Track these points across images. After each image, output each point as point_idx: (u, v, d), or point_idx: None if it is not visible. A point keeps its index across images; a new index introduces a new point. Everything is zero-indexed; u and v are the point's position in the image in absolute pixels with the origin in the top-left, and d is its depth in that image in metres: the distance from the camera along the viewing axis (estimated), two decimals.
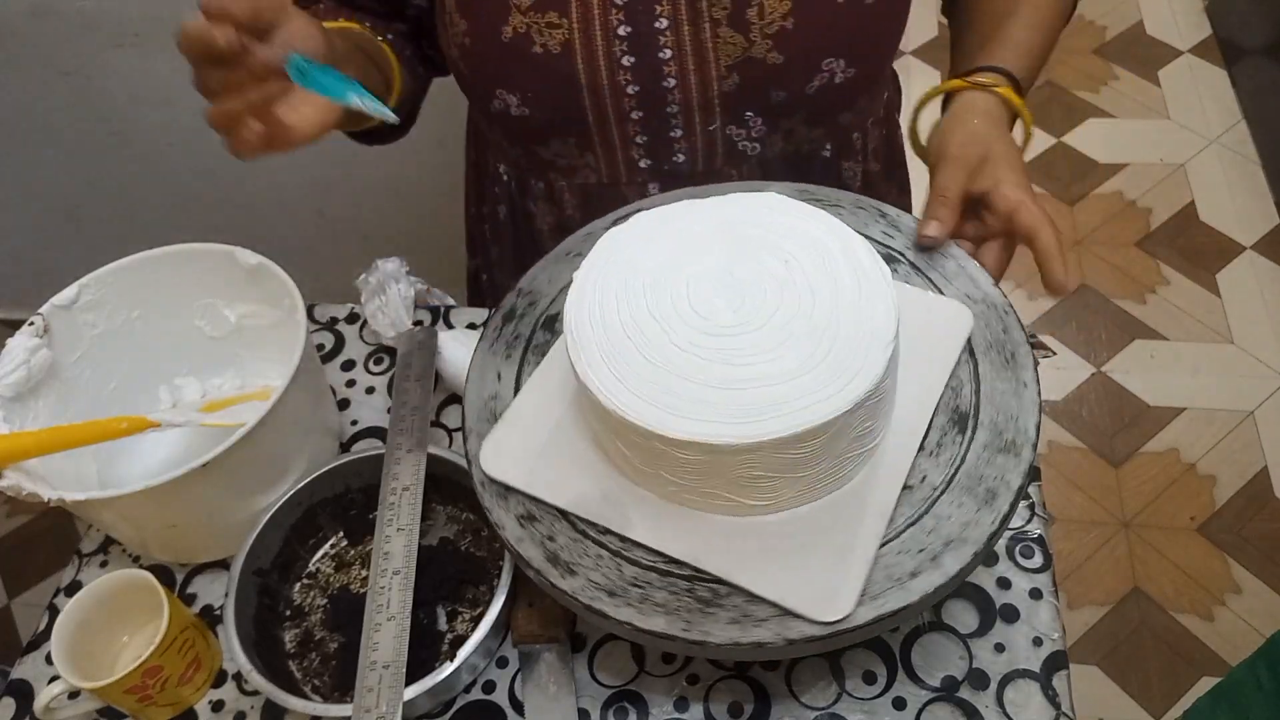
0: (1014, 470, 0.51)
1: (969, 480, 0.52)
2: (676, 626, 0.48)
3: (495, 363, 0.61)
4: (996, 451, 0.52)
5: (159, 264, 0.72)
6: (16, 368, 0.66)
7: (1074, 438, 1.61)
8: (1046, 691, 0.58)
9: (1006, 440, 0.53)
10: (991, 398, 0.55)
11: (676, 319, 0.50)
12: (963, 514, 0.50)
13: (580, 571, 0.51)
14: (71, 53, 1.25)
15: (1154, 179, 1.96)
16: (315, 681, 0.62)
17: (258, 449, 0.62)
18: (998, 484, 0.51)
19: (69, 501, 0.59)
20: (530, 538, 0.52)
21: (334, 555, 0.69)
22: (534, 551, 0.52)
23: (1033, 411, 0.54)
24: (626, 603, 0.49)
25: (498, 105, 0.70)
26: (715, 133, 0.70)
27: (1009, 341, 0.57)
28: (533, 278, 0.65)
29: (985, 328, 0.58)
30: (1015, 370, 0.55)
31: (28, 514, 1.68)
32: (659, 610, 0.49)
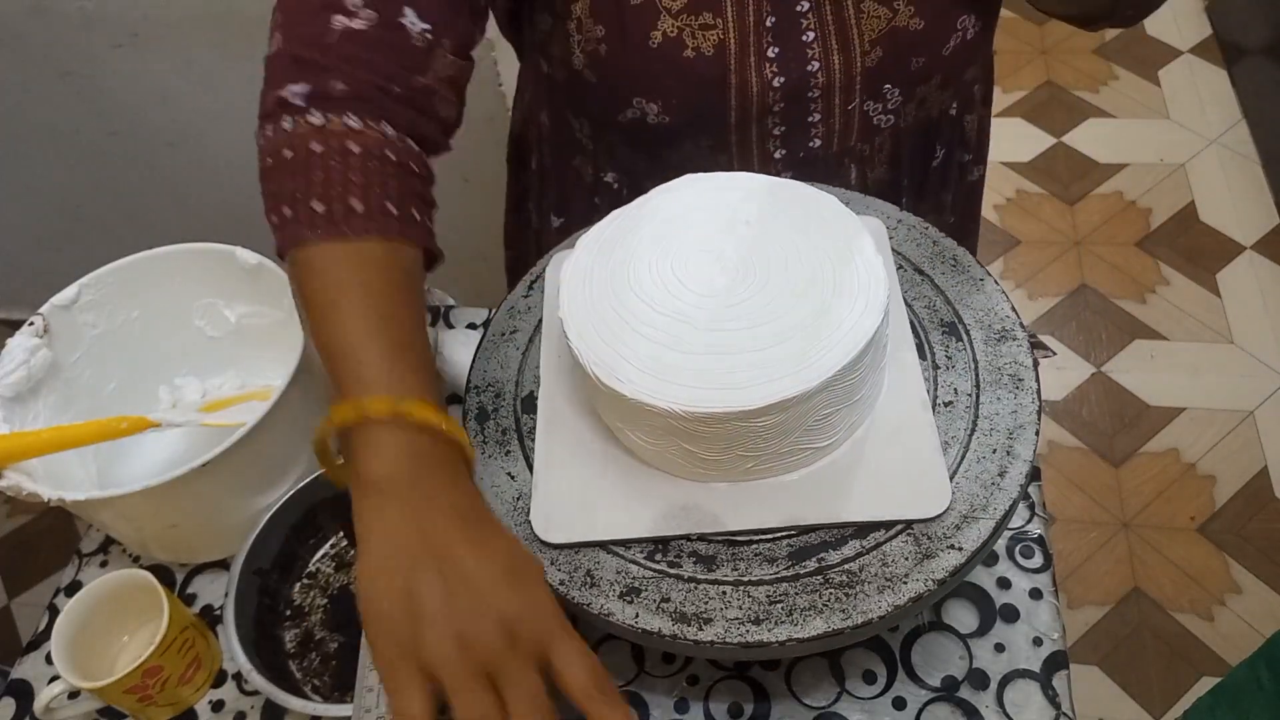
0: (1021, 352, 0.56)
1: (991, 375, 0.55)
2: (835, 620, 0.48)
3: (499, 463, 0.57)
4: (997, 342, 0.56)
5: (159, 264, 0.72)
6: (16, 368, 0.66)
7: (1074, 438, 1.62)
8: (1046, 691, 0.58)
9: (998, 330, 0.57)
10: (963, 300, 0.59)
11: (669, 295, 0.51)
12: (1006, 404, 0.54)
13: (715, 618, 0.48)
14: (71, 53, 1.24)
15: (1154, 179, 1.96)
16: (315, 681, 0.62)
17: (258, 449, 0.62)
18: (1016, 368, 0.55)
19: (69, 501, 0.59)
20: (645, 609, 0.49)
21: (334, 555, 0.69)
22: (658, 622, 0.49)
23: (1000, 299, 0.58)
24: (776, 621, 0.48)
25: (632, 114, 0.66)
26: (853, 111, 0.68)
27: (945, 249, 0.62)
28: (481, 371, 0.61)
29: (917, 246, 0.62)
30: (966, 271, 0.60)
31: (28, 514, 1.68)
32: (805, 612, 0.48)
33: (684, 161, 0.70)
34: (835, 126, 0.69)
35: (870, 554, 0.50)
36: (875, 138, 0.71)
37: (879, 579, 0.49)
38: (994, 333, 0.57)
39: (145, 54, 1.23)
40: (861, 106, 0.68)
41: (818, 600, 0.48)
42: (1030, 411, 0.53)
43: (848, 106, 0.67)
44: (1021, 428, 0.53)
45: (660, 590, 0.50)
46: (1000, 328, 0.57)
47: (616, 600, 0.50)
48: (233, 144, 1.34)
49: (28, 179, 1.47)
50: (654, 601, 0.50)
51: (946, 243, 0.62)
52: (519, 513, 0.54)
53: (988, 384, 0.55)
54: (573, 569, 0.51)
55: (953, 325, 0.58)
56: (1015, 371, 0.55)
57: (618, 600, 0.50)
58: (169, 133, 1.34)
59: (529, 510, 0.53)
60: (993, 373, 0.55)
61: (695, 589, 0.50)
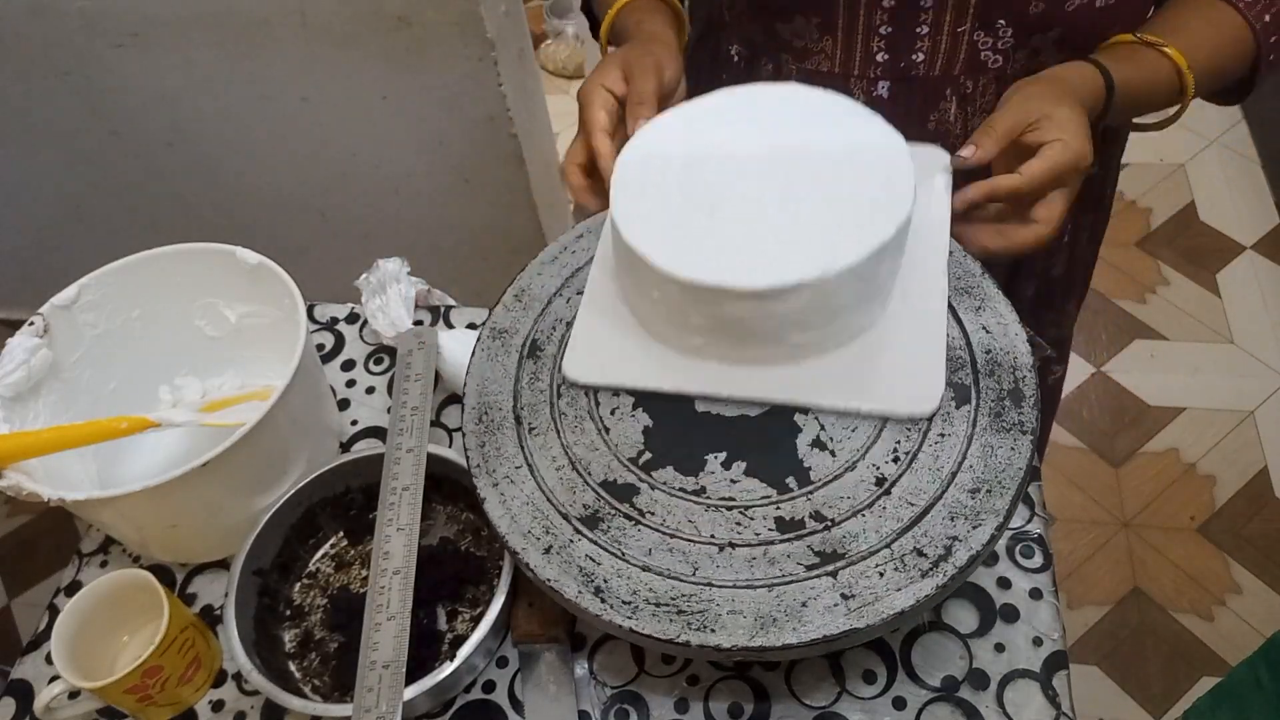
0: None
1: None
2: (837, 624, 0.48)
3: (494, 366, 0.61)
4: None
5: (159, 264, 0.72)
6: (16, 368, 0.66)
7: (1074, 438, 1.61)
8: (1046, 691, 0.58)
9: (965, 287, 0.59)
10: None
11: (714, 171, 0.56)
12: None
13: (717, 625, 0.49)
14: (71, 53, 1.24)
15: (1154, 179, 1.96)
16: (315, 681, 0.62)
17: (258, 449, 0.62)
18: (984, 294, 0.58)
19: (69, 501, 0.59)
20: (646, 614, 0.50)
21: (334, 555, 0.69)
22: (661, 626, 0.49)
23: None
24: (778, 625, 0.48)
25: None
26: (963, 35, 0.67)
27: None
28: (526, 282, 0.65)
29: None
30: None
31: (28, 514, 1.68)
32: (807, 615, 0.48)
33: (792, 38, 0.72)
34: (942, 46, 0.68)
35: (870, 557, 0.50)
36: (980, 77, 0.70)
37: (880, 582, 0.49)
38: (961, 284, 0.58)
39: (145, 54, 1.23)
40: (972, 34, 0.68)
41: (819, 602, 0.48)
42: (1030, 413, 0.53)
43: (958, 28, 0.67)
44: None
45: (661, 591, 0.50)
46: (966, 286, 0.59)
47: (621, 606, 0.50)
48: (233, 144, 1.34)
49: (28, 179, 1.47)
50: (655, 605, 0.50)
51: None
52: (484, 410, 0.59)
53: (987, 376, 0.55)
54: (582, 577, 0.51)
55: None
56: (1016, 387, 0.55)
57: (623, 606, 0.50)
58: (169, 133, 1.34)
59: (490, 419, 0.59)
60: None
61: (695, 590, 0.50)
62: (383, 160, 1.35)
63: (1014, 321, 0.55)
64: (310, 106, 1.26)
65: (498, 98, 1.21)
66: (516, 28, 1.23)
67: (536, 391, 0.59)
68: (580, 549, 0.52)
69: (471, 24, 1.12)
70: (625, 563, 0.51)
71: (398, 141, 1.31)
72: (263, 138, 1.32)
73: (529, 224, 1.41)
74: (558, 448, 0.56)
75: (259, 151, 1.34)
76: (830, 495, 0.51)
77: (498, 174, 1.33)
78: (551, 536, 0.53)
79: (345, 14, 1.14)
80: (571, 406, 0.57)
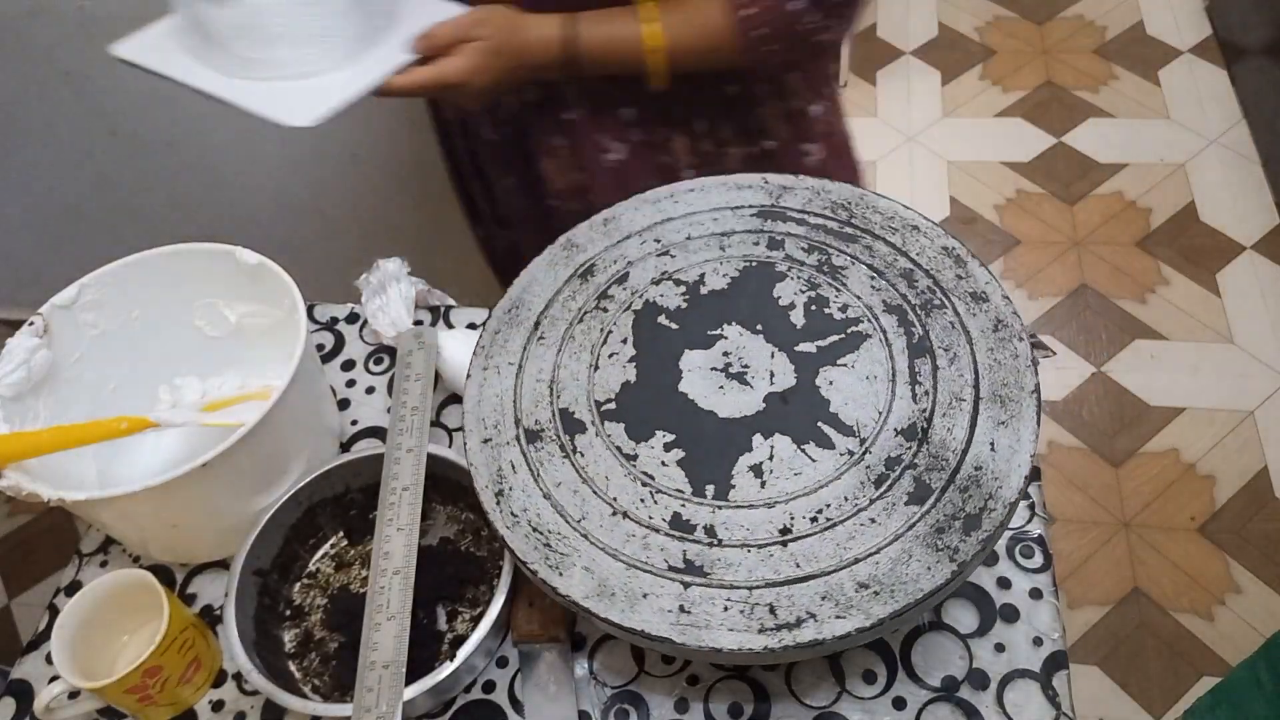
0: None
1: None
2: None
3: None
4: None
5: (159, 264, 0.72)
6: (16, 368, 0.66)
7: (1074, 438, 1.62)
8: (1046, 691, 0.58)
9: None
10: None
11: None
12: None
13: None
14: (71, 53, 1.24)
15: (1154, 179, 1.96)
16: (315, 681, 0.62)
17: (258, 449, 0.62)
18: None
19: (69, 501, 0.59)
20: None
21: (334, 555, 0.69)
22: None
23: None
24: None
25: None
26: None
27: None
28: (618, 212, 0.68)
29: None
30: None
31: (28, 514, 1.68)
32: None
33: None
34: None
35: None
36: None
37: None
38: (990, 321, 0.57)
39: None
40: None
41: (660, 602, 0.49)
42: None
43: None
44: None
45: (546, 520, 0.52)
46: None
47: (509, 517, 0.52)
48: (233, 144, 1.34)
49: (28, 179, 1.47)
50: (534, 529, 0.52)
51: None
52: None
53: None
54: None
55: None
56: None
57: (510, 517, 0.52)
58: (169, 133, 1.34)
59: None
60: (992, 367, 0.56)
61: (571, 534, 0.52)
62: (383, 160, 1.35)
63: (1027, 452, 0.52)
64: None
65: None
66: None
67: (567, 309, 0.63)
68: (509, 453, 0.57)
69: None
70: (534, 481, 0.55)
71: (398, 141, 1.31)
72: (263, 138, 1.32)
73: None
74: (550, 362, 0.60)
75: (259, 151, 1.34)
76: (732, 520, 0.52)
77: None
78: (495, 431, 0.58)
79: None
80: (585, 335, 0.62)
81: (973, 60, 2.27)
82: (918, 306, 0.59)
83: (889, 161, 2.05)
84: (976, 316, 0.58)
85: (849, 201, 0.66)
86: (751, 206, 0.67)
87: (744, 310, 0.61)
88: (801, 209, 0.66)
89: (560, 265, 0.66)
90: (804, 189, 0.67)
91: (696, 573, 0.51)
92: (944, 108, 2.17)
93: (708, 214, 0.67)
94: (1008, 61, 2.25)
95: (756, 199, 0.67)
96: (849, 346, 0.58)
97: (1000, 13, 2.39)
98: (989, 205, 1.95)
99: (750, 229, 0.66)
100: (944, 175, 2.01)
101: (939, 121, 2.13)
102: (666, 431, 0.56)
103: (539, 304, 0.64)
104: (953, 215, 1.94)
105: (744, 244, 0.65)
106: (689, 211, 0.67)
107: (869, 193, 0.66)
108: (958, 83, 2.22)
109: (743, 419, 0.56)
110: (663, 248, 0.65)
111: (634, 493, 0.54)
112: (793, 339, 0.59)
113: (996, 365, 0.55)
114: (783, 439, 0.55)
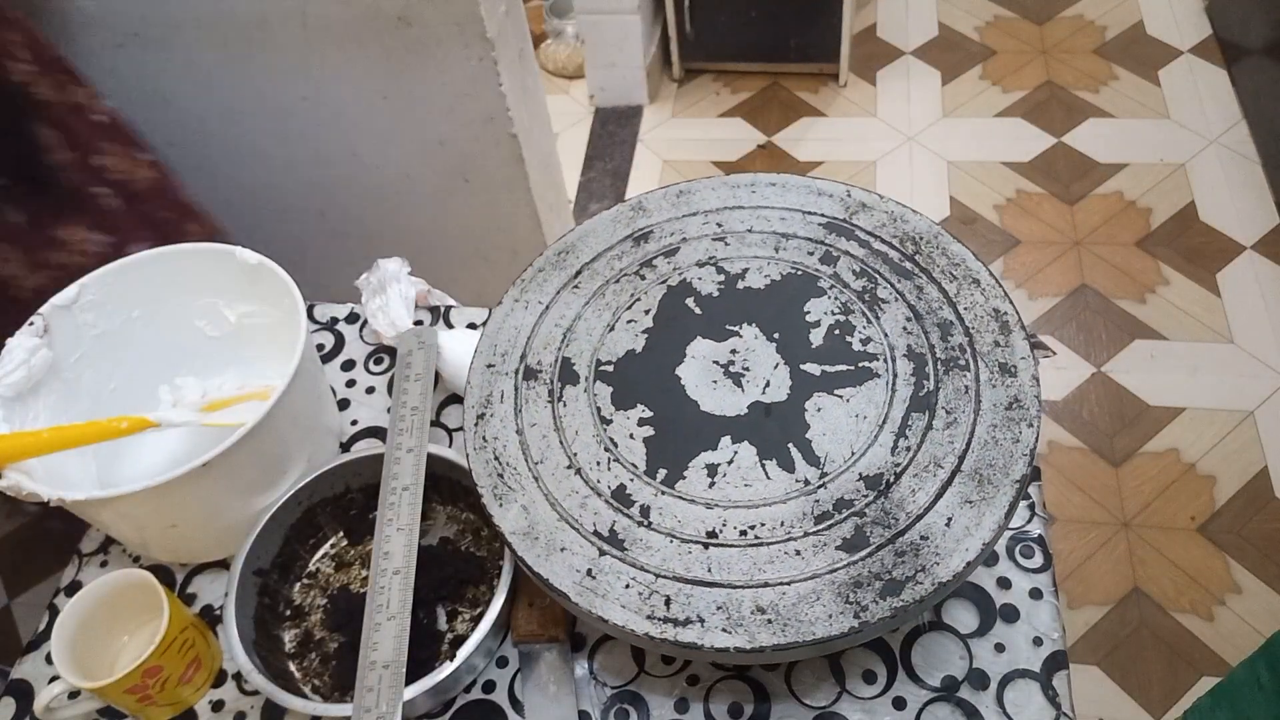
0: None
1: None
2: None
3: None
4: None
5: (159, 264, 0.72)
6: (16, 368, 0.66)
7: (1074, 438, 1.61)
8: (1046, 691, 0.58)
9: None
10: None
11: None
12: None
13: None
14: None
15: (1154, 179, 1.96)
16: (315, 681, 0.62)
17: (258, 449, 0.62)
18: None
19: (69, 501, 0.59)
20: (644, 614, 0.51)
21: (334, 555, 0.69)
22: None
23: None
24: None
25: None
26: None
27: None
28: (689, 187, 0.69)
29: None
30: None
31: (28, 514, 1.68)
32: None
33: None
34: None
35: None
36: None
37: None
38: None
39: (145, 54, 1.23)
40: None
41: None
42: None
43: None
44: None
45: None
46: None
47: (621, 609, 0.50)
48: (233, 144, 1.34)
49: None
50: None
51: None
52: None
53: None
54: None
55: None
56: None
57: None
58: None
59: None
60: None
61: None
62: (383, 160, 1.35)
63: (981, 540, 0.50)
64: (310, 106, 1.26)
65: (498, 98, 1.21)
66: (516, 28, 1.23)
67: (610, 267, 0.65)
68: (504, 382, 0.61)
69: (471, 24, 1.12)
70: (514, 415, 0.58)
71: (398, 141, 1.31)
72: (263, 138, 1.32)
73: (529, 224, 1.41)
74: (574, 312, 0.63)
75: (259, 151, 1.34)
76: (669, 508, 0.54)
77: (498, 174, 1.33)
78: (501, 359, 0.62)
79: (345, 14, 1.14)
80: (615, 296, 0.64)
81: (973, 60, 2.27)
82: (941, 361, 0.57)
83: (889, 161, 2.05)
84: (996, 388, 0.55)
85: (921, 236, 0.64)
86: (822, 216, 0.66)
87: (768, 315, 0.61)
88: (871, 230, 0.64)
89: (621, 224, 0.67)
90: (882, 211, 0.65)
91: (616, 545, 0.52)
92: (944, 108, 2.16)
93: (777, 211, 0.67)
94: (1008, 61, 2.25)
95: (830, 209, 0.66)
96: (852, 380, 0.57)
97: (1000, 13, 2.39)
98: (989, 205, 1.95)
99: (811, 237, 0.65)
100: (944, 175, 2.01)
101: (939, 121, 2.13)
102: (647, 407, 0.57)
103: (587, 255, 0.66)
104: (953, 215, 1.94)
105: (799, 250, 0.64)
106: (760, 204, 0.67)
107: (946, 234, 0.64)
108: (958, 83, 2.22)
109: (720, 417, 0.56)
110: (721, 233, 0.66)
111: (594, 454, 0.56)
112: (802, 356, 0.59)
113: (992, 443, 0.53)
114: (749, 449, 0.55)
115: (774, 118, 2.18)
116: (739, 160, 2.10)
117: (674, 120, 2.22)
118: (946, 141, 2.08)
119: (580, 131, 2.21)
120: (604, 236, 0.67)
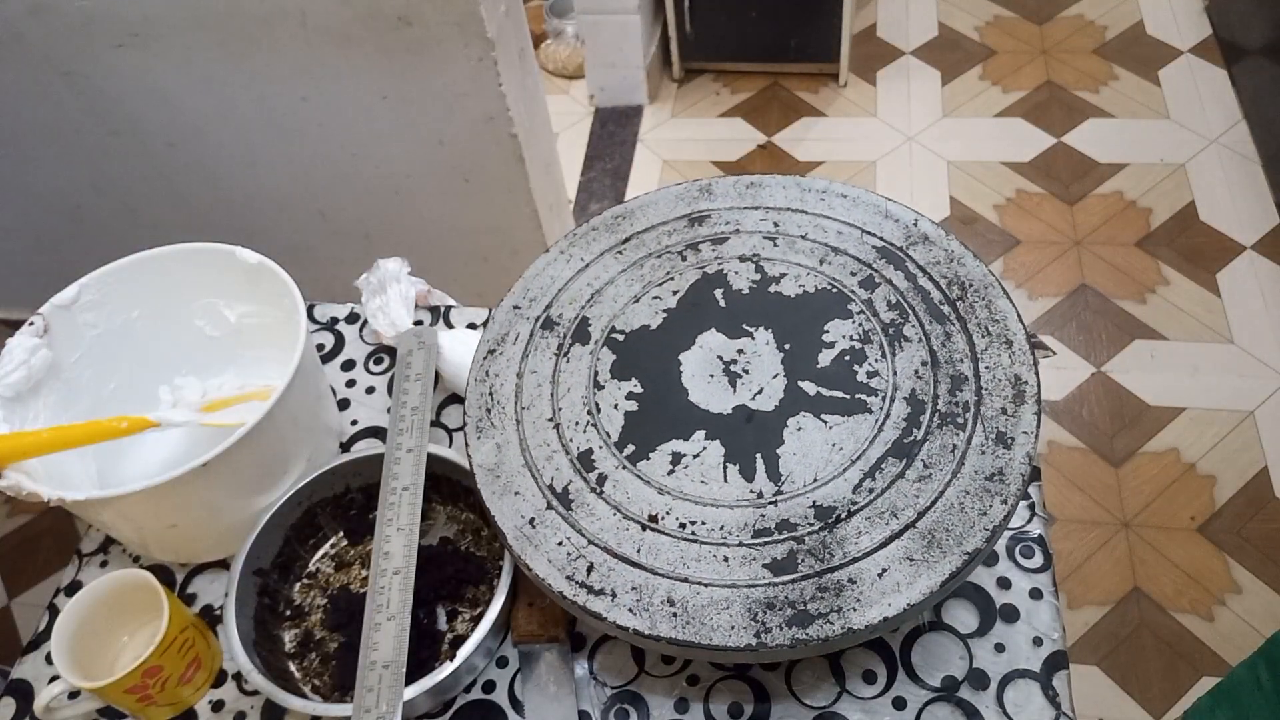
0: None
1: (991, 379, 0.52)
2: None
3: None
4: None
5: (159, 264, 0.72)
6: (16, 368, 0.66)
7: (1074, 438, 1.61)
8: (1046, 691, 0.58)
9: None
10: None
11: None
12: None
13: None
14: (71, 53, 1.24)
15: (1154, 179, 1.96)
16: (315, 681, 0.62)
17: (258, 449, 0.62)
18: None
19: (69, 501, 0.59)
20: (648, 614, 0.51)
21: (334, 555, 0.69)
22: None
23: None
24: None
25: None
26: None
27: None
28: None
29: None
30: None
31: (28, 514, 1.68)
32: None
33: None
34: None
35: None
36: None
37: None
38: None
39: (145, 54, 1.23)
40: None
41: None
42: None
43: None
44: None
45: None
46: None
47: (624, 611, 0.50)
48: (233, 144, 1.34)
49: (28, 179, 1.47)
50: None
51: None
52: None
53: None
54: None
55: None
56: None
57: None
58: (169, 133, 1.34)
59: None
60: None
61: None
62: (383, 160, 1.35)
63: (908, 600, 0.49)
64: (310, 106, 1.26)
65: (498, 98, 1.21)
66: (516, 28, 1.23)
67: (658, 241, 0.66)
68: (522, 326, 0.63)
69: (471, 24, 1.12)
70: (521, 359, 0.61)
71: (398, 141, 1.31)
72: (263, 138, 1.32)
73: (529, 224, 1.41)
74: (609, 275, 0.64)
75: (259, 151, 1.34)
76: (623, 482, 0.55)
77: (498, 174, 1.33)
78: (529, 304, 0.64)
79: (345, 14, 1.14)
80: (652, 271, 0.64)
81: (973, 60, 2.27)
82: (939, 414, 0.55)
83: (889, 161, 2.05)
84: (984, 455, 0.53)
85: (970, 284, 0.61)
86: (880, 239, 0.64)
87: (787, 325, 0.61)
88: (922, 265, 0.62)
89: (683, 203, 0.68)
90: (941, 248, 0.63)
91: (564, 503, 0.54)
92: (944, 108, 2.16)
93: (836, 224, 0.65)
94: (1008, 61, 2.25)
95: (891, 234, 0.64)
96: (843, 409, 0.56)
97: (1000, 13, 2.39)
98: (989, 205, 1.95)
99: (860, 257, 0.63)
100: (944, 175, 2.01)
101: (939, 121, 2.13)
102: (640, 383, 0.59)
103: (641, 224, 0.67)
104: (953, 215, 1.94)
105: (843, 269, 0.63)
106: (823, 214, 0.66)
107: (998, 285, 0.61)
108: (958, 83, 2.22)
109: (703, 411, 0.57)
110: (775, 233, 0.66)
111: (576, 415, 0.57)
112: (803, 373, 0.58)
113: (958, 508, 0.51)
114: (718, 448, 0.55)
115: (774, 118, 2.18)
116: (739, 160, 2.10)
117: (674, 120, 2.22)
118: (946, 141, 2.08)
119: (580, 131, 2.21)
120: (663, 210, 0.68)
